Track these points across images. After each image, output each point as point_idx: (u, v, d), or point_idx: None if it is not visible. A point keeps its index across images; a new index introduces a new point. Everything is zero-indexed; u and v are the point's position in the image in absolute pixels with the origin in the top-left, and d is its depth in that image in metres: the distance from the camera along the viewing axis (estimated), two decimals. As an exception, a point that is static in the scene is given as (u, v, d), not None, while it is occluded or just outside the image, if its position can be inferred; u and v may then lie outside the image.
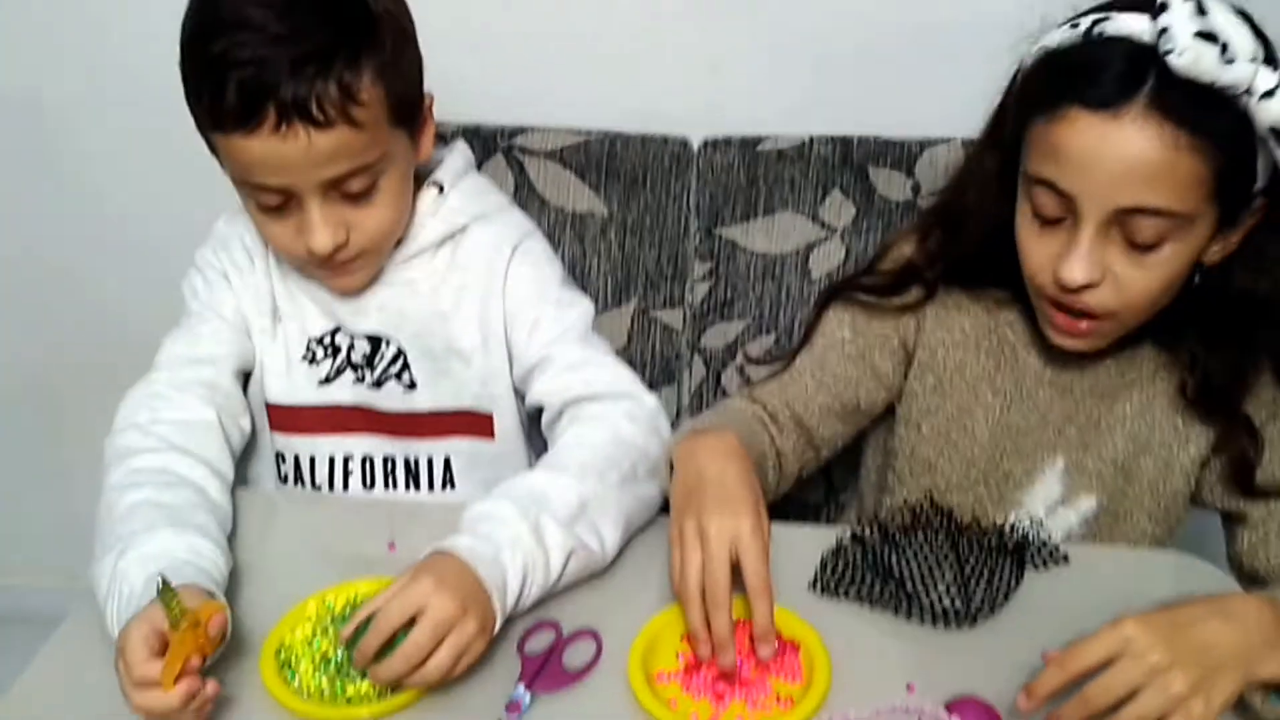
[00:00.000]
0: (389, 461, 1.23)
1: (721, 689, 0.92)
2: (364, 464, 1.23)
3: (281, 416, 1.22)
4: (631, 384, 1.17)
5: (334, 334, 1.20)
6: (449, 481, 1.23)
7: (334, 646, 0.95)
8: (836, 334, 1.18)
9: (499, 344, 1.19)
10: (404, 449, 1.23)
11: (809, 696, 0.90)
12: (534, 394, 1.19)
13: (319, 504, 1.21)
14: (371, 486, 1.23)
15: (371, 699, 0.91)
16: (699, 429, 1.05)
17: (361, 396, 1.21)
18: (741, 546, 0.91)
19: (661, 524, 1.09)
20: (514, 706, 0.90)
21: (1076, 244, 0.95)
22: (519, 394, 1.22)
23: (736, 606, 0.97)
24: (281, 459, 1.24)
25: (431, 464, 1.23)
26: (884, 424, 1.24)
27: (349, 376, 1.21)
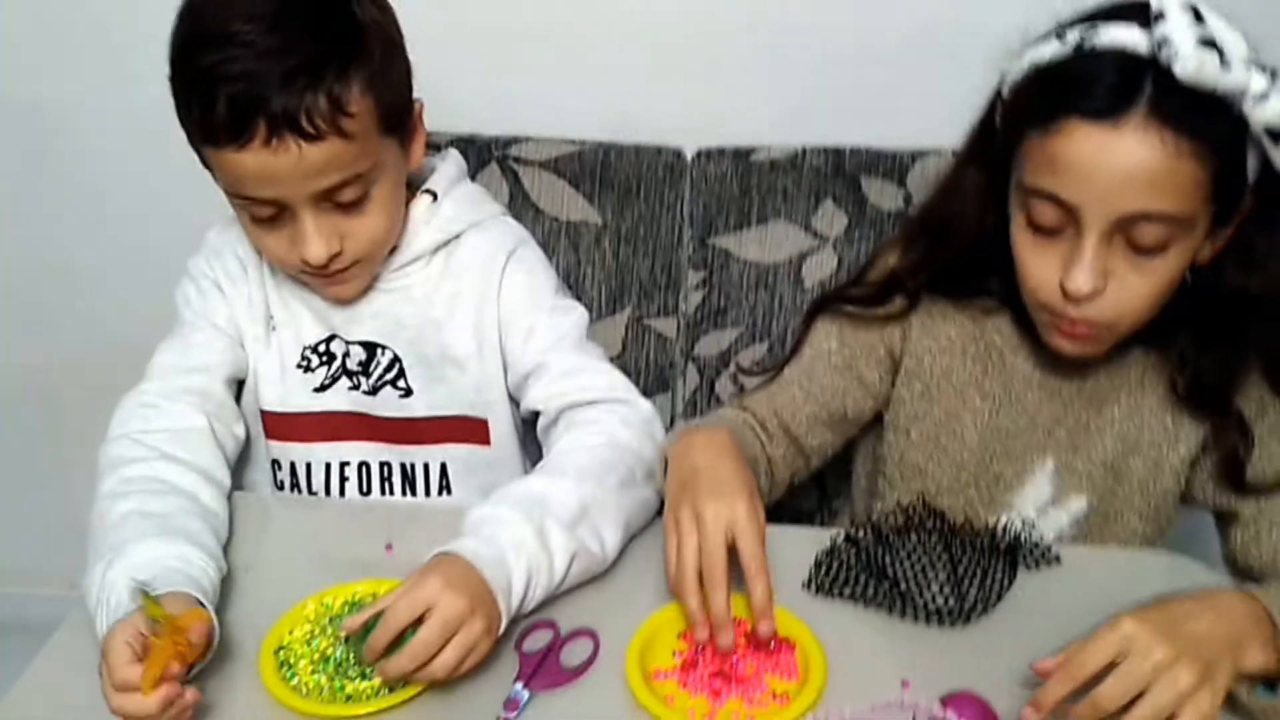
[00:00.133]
0: (385, 468, 1.24)
1: (718, 686, 0.94)
2: (360, 470, 1.24)
3: (277, 424, 1.23)
4: (626, 390, 1.19)
5: (329, 341, 1.21)
6: (445, 487, 1.25)
7: (333, 645, 0.96)
8: (823, 345, 1.21)
9: (494, 351, 1.21)
10: (400, 455, 1.24)
11: (805, 693, 0.92)
12: (529, 400, 1.20)
13: (315, 507, 1.23)
14: (368, 492, 1.24)
15: (370, 697, 0.92)
16: (691, 428, 1.07)
17: (357, 403, 1.23)
18: (738, 529, 0.93)
19: (658, 525, 1.11)
20: (512, 704, 0.91)
21: (1081, 254, 0.96)
22: (514, 400, 1.24)
23: (735, 606, 0.99)
24: (278, 466, 1.25)
25: (428, 470, 1.24)
26: (874, 431, 1.26)
27: (344, 383, 1.22)
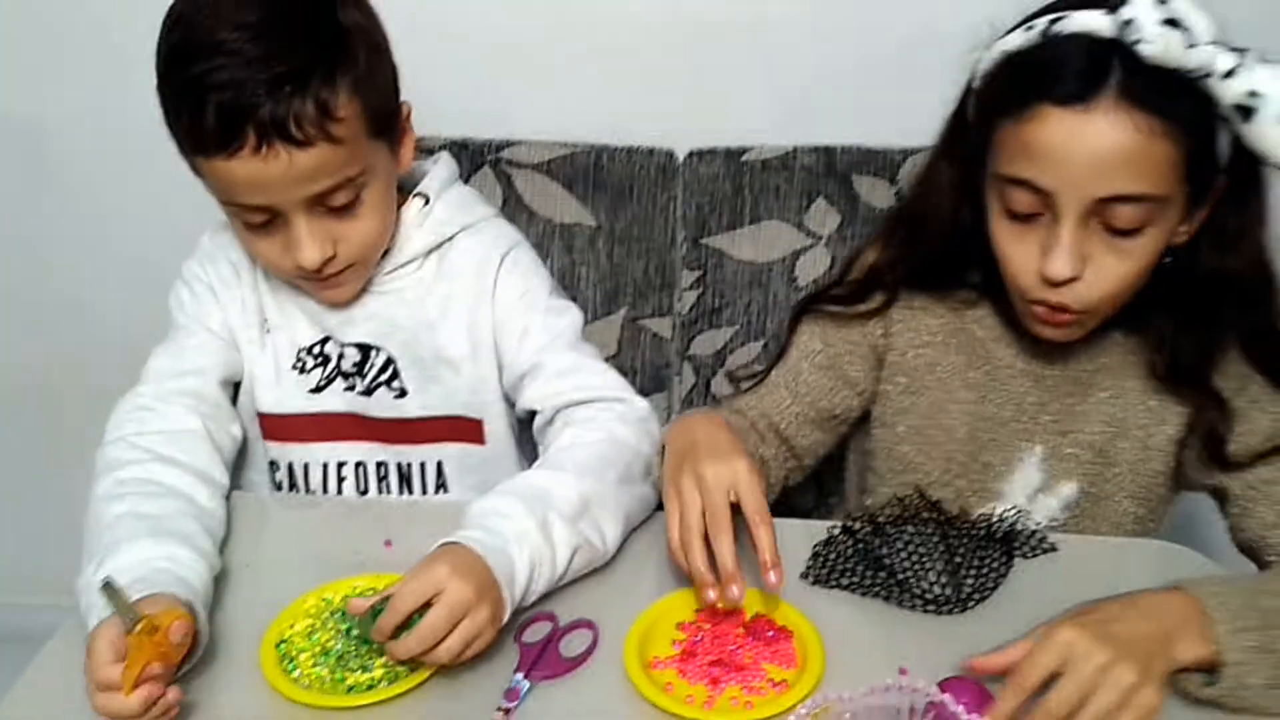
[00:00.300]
0: (382, 467, 1.26)
1: (717, 674, 0.95)
2: (357, 470, 1.26)
3: (274, 425, 1.25)
4: (622, 389, 1.21)
5: (323, 343, 1.23)
6: (441, 486, 1.27)
7: (334, 639, 0.98)
8: (808, 346, 1.23)
9: (488, 352, 1.23)
10: (396, 455, 1.26)
11: (803, 680, 0.94)
12: (525, 400, 1.22)
13: (313, 506, 1.24)
14: (365, 492, 1.26)
15: (372, 688, 0.93)
16: (686, 414, 1.10)
17: (353, 404, 1.24)
18: (740, 485, 0.96)
19: (655, 519, 1.13)
20: (512, 694, 0.93)
21: (1059, 238, 0.99)
22: (508, 400, 1.26)
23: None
24: (275, 467, 1.27)
25: (424, 469, 1.26)
26: (863, 428, 1.28)
27: (340, 385, 1.24)
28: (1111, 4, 0.95)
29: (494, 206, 1.33)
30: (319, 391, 1.24)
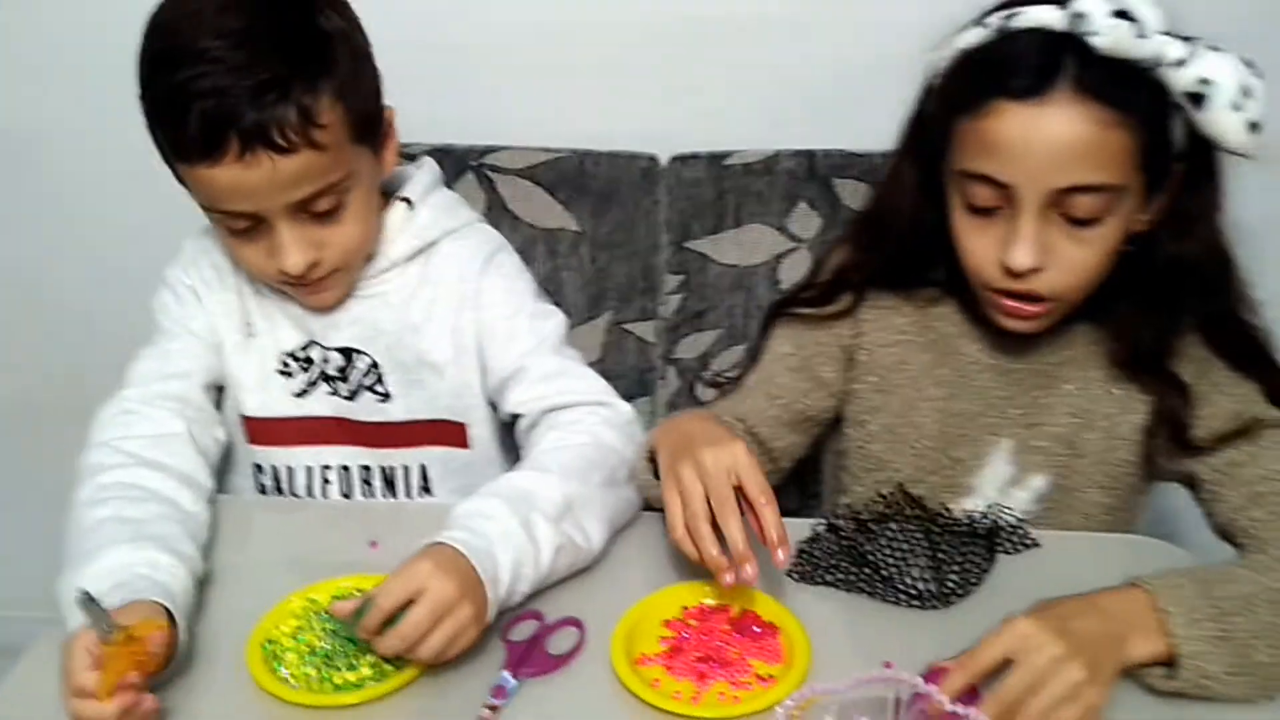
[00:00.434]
0: (366, 471, 1.27)
1: (704, 670, 0.97)
2: (342, 474, 1.27)
3: (258, 429, 1.26)
4: (606, 393, 1.23)
5: (307, 348, 1.24)
6: (426, 490, 1.28)
7: (320, 638, 0.99)
8: (780, 349, 1.26)
9: (471, 357, 1.24)
10: (380, 458, 1.27)
11: (790, 675, 0.95)
12: (509, 404, 1.24)
13: (299, 509, 1.25)
14: (349, 495, 1.27)
15: (359, 687, 0.95)
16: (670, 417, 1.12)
17: (337, 408, 1.26)
18: (740, 468, 0.98)
19: (641, 519, 1.15)
20: (499, 692, 0.94)
21: (1019, 230, 1.02)
22: (492, 405, 1.27)
23: (721, 593, 1.03)
24: (260, 471, 1.28)
25: (408, 473, 1.27)
26: (837, 429, 1.31)
27: (323, 389, 1.25)
28: None
29: (477, 210, 1.35)
30: (303, 396, 1.25)
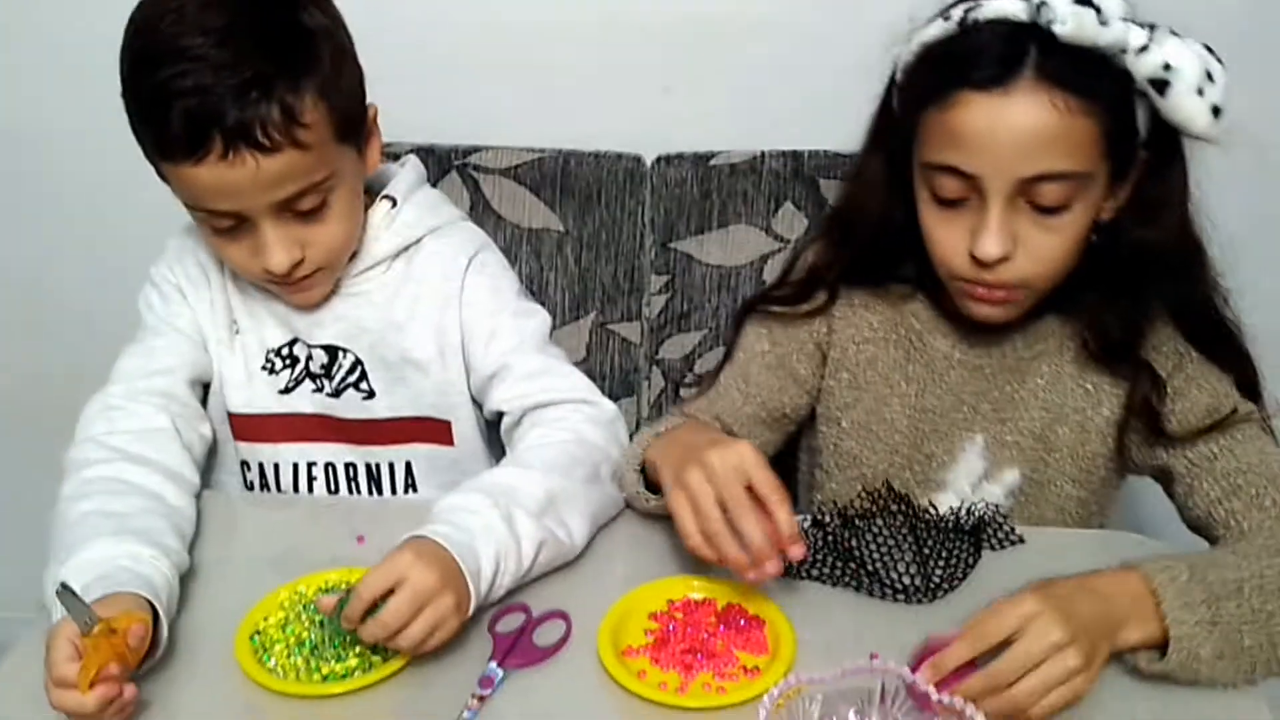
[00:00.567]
0: (351, 468, 1.29)
1: (690, 661, 0.98)
2: (327, 471, 1.28)
3: (244, 426, 1.27)
4: (590, 391, 1.24)
5: (292, 345, 1.26)
6: (411, 487, 1.29)
7: (308, 630, 1.00)
8: (755, 346, 1.28)
9: (455, 354, 1.26)
10: (365, 455, 1.29)
11: (774, 666, 0.97)
12: (493, 402, 1.25)
13: (285, 505, 1.27)
14: (335, 492, 1.29)
15: (346, 677, 0.96)
16: (659, 433, 1.13)
17: (321, 405, 1.27)
18: (749, 466, 0.98)
19: (625, 514, 1.17)
20: (486, 682, 0.96)
21: (987, 220, 1.04)
22: (477, 402, 1.29)
23: (707, 587, 1.05)
24: (246, 468, 1.29)
25: (393, 470, 1.29)
26: (811, 426, 1.33)
27: (308, 386, 1.27)
28: None
29: (461, 209, 1.37)
30: (288, 393, 1.26)
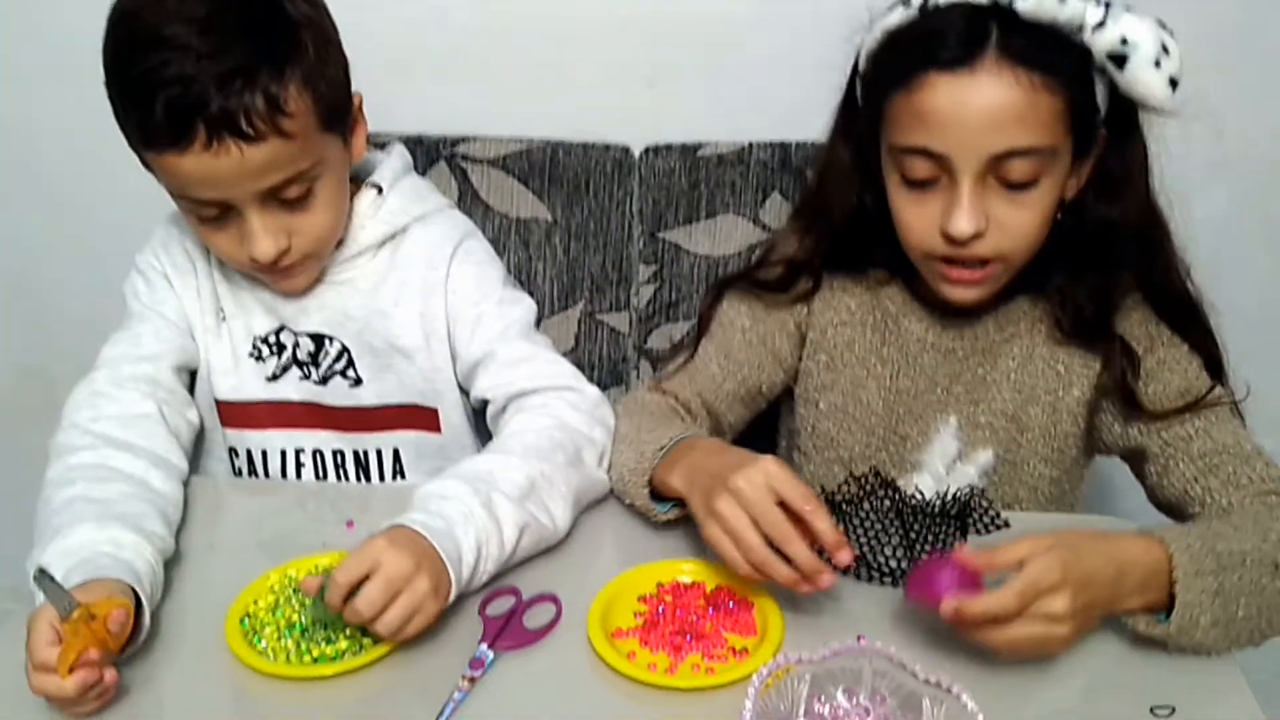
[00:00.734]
0: (339, 455, 1.30)
1: (679, 643, 1.00)
2: (315, 457, 1.30)
3: (232, 413, 1.29)
4: (574, 378, 1.26)
5: (278, 333, 1.27)
6: (399, 472, 1.31)
7: (298, 613, 1.02)
8: (737, 322, 1.30)
9: (441, 342, 1.27)
10: (353, 442, 1.30)
11: (763, 648, 0.99)
12: (478, 389, 1.27)
13: (274, 490, 1.29)
14: (323, 479, 1.30)
15: (336, 659, 0.98)
16: (671, 449, 1.13)
17: (308, 393, 1.29)
18: (776, 481, 0.99)
19: (610, 500, 1.19)
20: (477, 664, 0.97)
21: (958, 198, 1.07)
22: (463, 389, 1.30)
23: (696, 570, 1.07)
24: (234, 454, 1.31)
25: (381, 457, 1.31)
26: (787, 407, 1.36)
27: (295, 373, 1.28)
28: None
29: (448, 197, 1.38)
30: (275, 380, 1.28)
